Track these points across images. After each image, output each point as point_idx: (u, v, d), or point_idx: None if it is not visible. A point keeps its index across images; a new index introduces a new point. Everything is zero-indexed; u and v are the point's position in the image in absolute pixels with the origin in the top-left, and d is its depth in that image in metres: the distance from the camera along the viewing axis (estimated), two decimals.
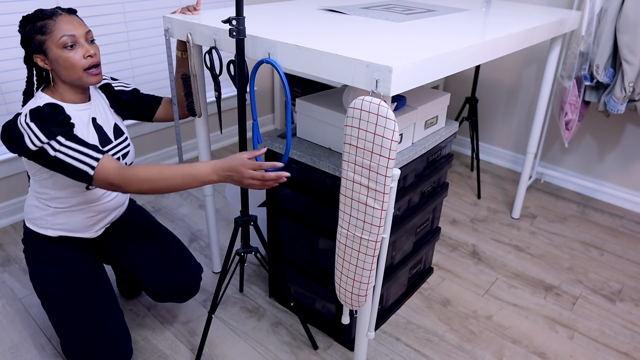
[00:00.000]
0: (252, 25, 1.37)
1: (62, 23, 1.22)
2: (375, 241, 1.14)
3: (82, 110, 1.34)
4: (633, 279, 2.01)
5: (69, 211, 1.41)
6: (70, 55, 1.23)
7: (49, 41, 1.22)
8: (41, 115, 1.19)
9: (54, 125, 1.19)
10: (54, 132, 1.19)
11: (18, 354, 1.56)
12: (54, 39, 1.21)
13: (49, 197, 1.37)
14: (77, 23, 1.25)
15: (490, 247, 2.18)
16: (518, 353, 1.64)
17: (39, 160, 1.22)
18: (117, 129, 1.45)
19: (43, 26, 1.21)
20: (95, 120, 1.38)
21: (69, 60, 1.23)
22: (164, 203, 2.42)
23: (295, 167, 1.50)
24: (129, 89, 1.53)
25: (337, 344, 1.65)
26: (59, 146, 1.20)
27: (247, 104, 3.04)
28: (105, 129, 1.41)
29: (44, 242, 1.43)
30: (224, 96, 2.94)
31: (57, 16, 1.22)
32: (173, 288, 1.49)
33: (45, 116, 1.20)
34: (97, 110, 1.40)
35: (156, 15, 2.46)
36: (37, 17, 1.22)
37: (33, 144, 1.18)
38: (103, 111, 1.43)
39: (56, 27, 1.21)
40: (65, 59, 1.23)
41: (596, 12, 2.04)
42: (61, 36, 1.21)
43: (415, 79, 1.08)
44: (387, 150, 1.03)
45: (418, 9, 1.75)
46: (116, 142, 1.43)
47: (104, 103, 1.45)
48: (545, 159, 2.76)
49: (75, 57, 1.23)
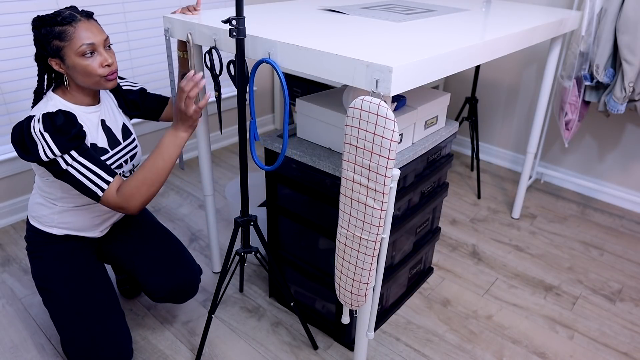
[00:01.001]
0: (252, 25, 1.37)
1: (82, 30, 1.20)
2: (374, 241, 1.14)
3: (91, 112, 1.35)
4: (633, 279, 2.01)
5: (75, 210, 1.41)
6: (89, 63, 1.22)
7: (67, 48, 1.20)
8: (55, 125, 1.19)
9: (69, 139, 1.20)
10: (68, 147, 1.20)
11: (18, 354, 1.56)
12: (73, 47, 1.20)
13: (55, 197, 1.38)
14: (96, 30, 1.23)
15: (490, 247, 2.18)
16: (518, 353, 1.64)
17: (50, 170, 1.23)
18: (125, 129, 1.45)
19: (62, 32, 1.19)
20: (104, 122, 1.39)
21: (87, 69, 1.23)
22: (164, 203, 2.42)
23: (295, 167, 1.50)
24: (136, 89, 1.53)
25: (337, 344, 1.65)
26: (72, 161, 1.21)
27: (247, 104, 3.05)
28: (114, 130, 1.41)
29: (48, 240, 1.43)
30: (223, 96, 2.94)
31: (77, 22, 1.20)
32: (171, 289, 1.49)
33: (59, 127, 1.19)
34: (106, 112, 1.40)
35: (156, 15, 2.46)
36: (55, 21, 1.19)
37: (46, 155, 1.19)
38: (111, 112, 1.43)
39: (76, 35, 1.20)
40: (83, 67, 1.22)
41: (596, 12, 2.04)
42: (80, 45, 1.20)
43: (415, 79, 1.08)
44: (387, 151, 1.03)
45: (418, 9, 1.75)
46: (125, 144, 1.43)
47: (113, 103, 1.45)
48: (545, 159, 2.76)
49: (93, 65, 1.23)
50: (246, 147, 1.33)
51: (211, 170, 1.76)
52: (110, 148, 1.38)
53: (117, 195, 1.24)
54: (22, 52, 2.06)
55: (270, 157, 1.54)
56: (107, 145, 1.38)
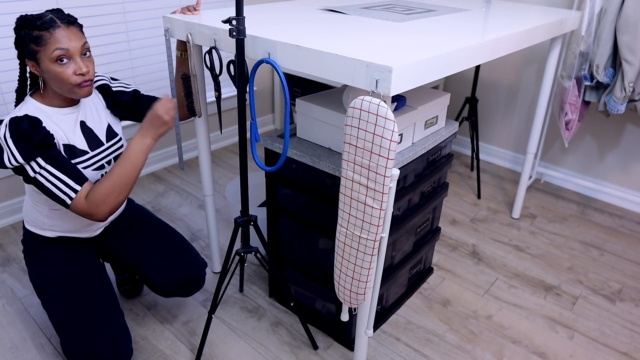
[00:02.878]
0: (252, 25, 1.37)
1: (58, 36, 1.18)
2: (374, 240, 1.14)
3: (68, 114, 1.32)
4: (633, 279, 2.01)
5: (63, 212, 1.41)
6: (62, 70, 1.20)
7: (41, 53, 1.19)
8: (19, 132, 1.17)
9: (32, 147, 1.18)
10: (32, 154, 1.18)
11: (18, 354, 1.56)
12: (47, 51, 1.18)
13: (42, 200, 1.37)
14: (74, 36, 1.20)
15: (490, 247, 2.18)
16: (518, 353, 1.64)
17: (20, 175, 1.23)
18: (110, 130, 1.44)
19: (38, 37, 1.17)
20: (84, 124, 1.36)
21: (60, 75, 1.20)
22: (164, 203, 2.42)
23: (295, 167, 1.50)
24: (129, 90, 1.52)
25: (337, 344, 1.65)
26: (39, 168, 1.20)
27: (247, 104, 3.05)
28: (97, 131, 1.39)
29: (43, 242, 1.43)
30: (224, 96, 2.94)
31: (55, 28, 1.18)
32: (178, 282, 1.50)
33: (22, 133, 1.17)
34: (87, 113, 1.38)
35: (156, 15, 2.46)
36: (34, 24, 1.18)
37: (10, 162, 1.18)
38: (96, 113, 1.41)
39: (51, 41, 1.17)
40: (56, 74, 1.20)
41: (596, 12, 2.04)
42: (54, 49, 1.18)
43: (415, 79, 1.08)
44: (387, 151, 1.03)
45: (418, 9, 1.75)
46: (108, 145, 1.42)
47: (100, 104, 1.44)
48: (545, 159, 2.76)
49: (66, 73, 1.20)
50: (246, 147, 1.33)
51: (211, 170, 1.76)
52: (91, 149, 1.36)
53: (86, 203, 1.22)
54: None
55: (270, 157, 1.54)
56: (86, 147, 1.35)
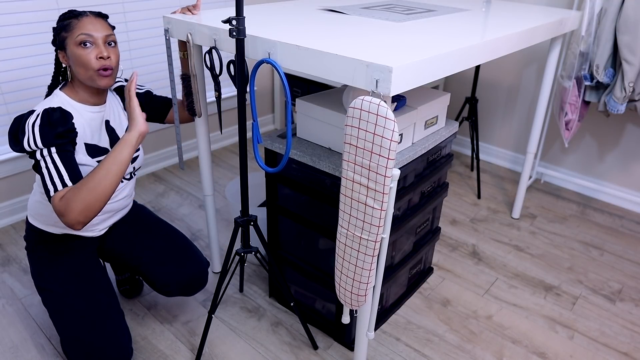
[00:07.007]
0: (252, 25, 1.37)
1: (84, 23, 1.25)
2: (374, 241, 1.14)
3: (96, 112, 1.36)
4: (633, 279, 2.01)
5: None
6: (84, 53, 1.25)
7: (69, 38, 1.26)
8: (50, 120, 1.21)
9: (55, 136, 1.21)
10: (51, 142, 1.21)
11: (18, 354, 1.56)
12: (73, 36, 1.25)
13: None
14: (100, 25, 1.27)
15: (490, 247, 2.18)
16: (518, 353, 1.64)
17: (31, 158, 1.26)
18: None
19: (68, 24, 1.26)
20: (108, 123, 1.40)
21: (81, 58, 1.25)
22: (164, 203, 2.42)
23: (295, 167, 1.50)
24: (141, 91, 1.56)
25: (337, 344, 1.65)
26: (47, 155, 1.21)
27: (247, 104, 3.05)
28: (118, 132, 1.44)
29: (47, 239, 1.43)
30: (224, 96, 2.94)
31: (83, 17, 1.26)
32: (182, 281, 1.50)
33: (52, 122, 1.21)
34: (111, 113, 1.42)
35: (156, 15, 2.46)
36: (66, 15, 1.27)
37: (29, 145, 1.20)
38: (117, 114, 1.45)
39: (77, 26, 1.25)
40: (78, 56, 1.25)
41: (596, 12, 2.04)
42: (79, 34, 1.24)
43: (415, 79, 1.08)
44: (387, 151, 1.03)
45: (418, 9, 1.75)
46: None
47: (119, 106, 1.47)
48: (545, 159, 2.76)
49: (88, 56, 1.25)
50: (246, 147, 1.33)
51: (211, 170, 1.76)
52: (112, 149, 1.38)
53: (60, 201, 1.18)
54: (22, 52, 2.06)
55: (270, 157, 1.54)
56: (108, 146, 1.40)
